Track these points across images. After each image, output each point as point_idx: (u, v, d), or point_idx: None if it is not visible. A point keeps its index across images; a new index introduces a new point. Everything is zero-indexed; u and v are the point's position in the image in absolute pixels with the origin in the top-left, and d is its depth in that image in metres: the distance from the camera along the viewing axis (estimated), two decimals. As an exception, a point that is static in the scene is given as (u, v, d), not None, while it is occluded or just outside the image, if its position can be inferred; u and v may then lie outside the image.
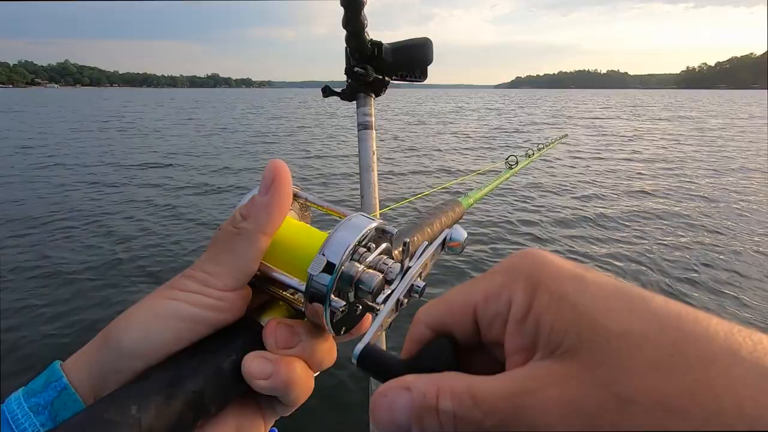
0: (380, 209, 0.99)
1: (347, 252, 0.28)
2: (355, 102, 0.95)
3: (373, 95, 0.95)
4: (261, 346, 0.28)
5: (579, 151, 10.85)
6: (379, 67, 0.89)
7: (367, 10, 0.81)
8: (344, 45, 0.88)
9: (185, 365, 0.26)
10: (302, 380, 0.28)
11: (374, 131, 0.95)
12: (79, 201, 6.04)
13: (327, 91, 0.95)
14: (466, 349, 0.22)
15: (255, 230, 0.28)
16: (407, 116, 23.89)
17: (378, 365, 0.23)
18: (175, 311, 0.27)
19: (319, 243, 0.29)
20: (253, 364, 0.27)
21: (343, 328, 0.30)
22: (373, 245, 0.30)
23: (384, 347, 1.03)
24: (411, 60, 0.90)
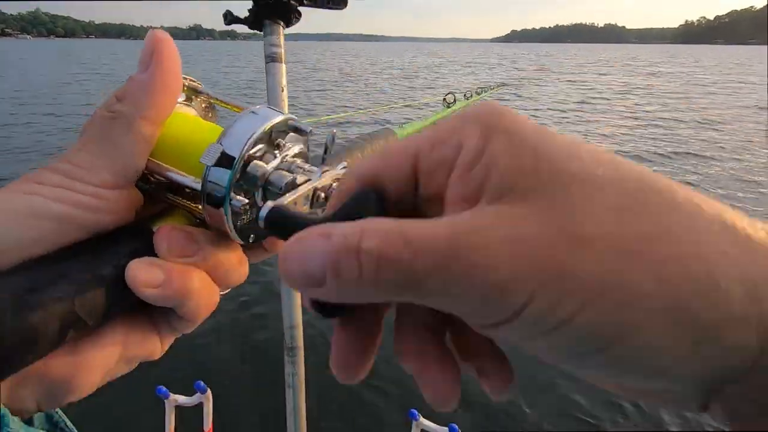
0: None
1: (249, 143, 0.24)
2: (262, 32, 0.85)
3: (282, 24, 0.85)
4: (152, 254, 0.24)
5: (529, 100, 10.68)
6: (283, -13, 0.79)
7: None
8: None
9: (50, 269, 0.22)
10: (202, 291, 0.25)
11: (284, 64, 0.86)
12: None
13: (228, 16, 0.85)
14: (400, 208, 0.19)
15: (133, 113, 0.24)
16: (396, 70, 23.21)
17: (290, 225, 0.19)
18: (34, 208, 0.22)
19: (217, 135, 0.25)
20: (140, 270, 0.23)
21: (252, 235, 0.27)
22: (287, 144, 0.27)
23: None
24: (320, -21, 0.80)
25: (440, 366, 0.19)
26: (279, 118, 0.26)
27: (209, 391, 1.10)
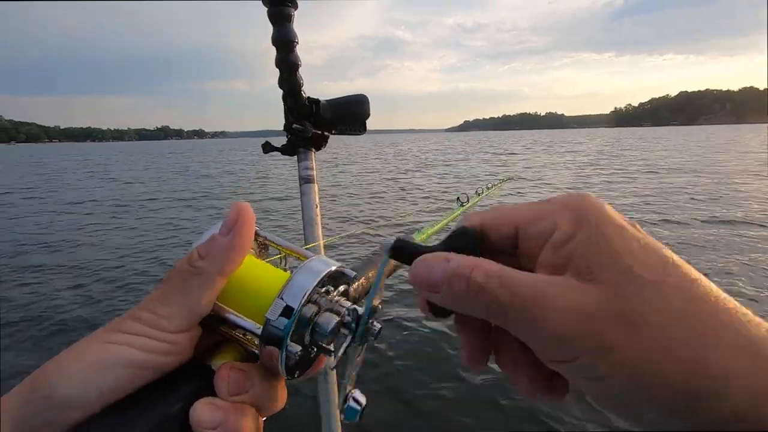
0: (323, 239, 0.98)
1: (305, 297, 0.27)
2: (296, 157, 0.96)
3: (314, 149, 0.96)
4: (211, 391, 0.27)
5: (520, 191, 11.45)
6: (318, 122, 0.91)
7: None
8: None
9: (127, 416, 0.24)
10: (252, 428, 0.27)
11: (316, 184, 0.96)
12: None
13: (267, 147, 0.96)
14: (497, 253, 0.25)
15: (213, 271, 0.27)
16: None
17: (409, 252, 0.26)
18: (118, 357, 0.24)
19: (276, 284, 0.28)
20: (203, 413, 0.25)
21: (297, 371, 0.30)
22: (332, 287, 0.31)
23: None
24: (349, 115, 0.93)
25: (527, 370, 0.25)
26: (329, 269, 0.30)
27: None
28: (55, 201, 11.04)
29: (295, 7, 0.81)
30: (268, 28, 0.81)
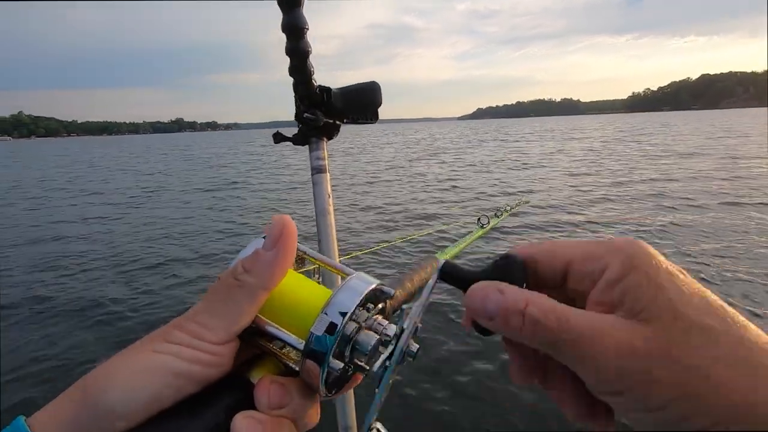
0: (341, 254, 0.97)
1: (349, 314, 0.28)
2: (307, 146, 0.95)
3: (326, 139, 0.95)
4: (251, 404, 0.27)
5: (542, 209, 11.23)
6: (330, 111, 0.89)
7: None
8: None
9: (170, 428, 0.25)
10: None
11: (328, 174, 0.94)
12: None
13: (278, 137, 0.94)
14: (545, 285, 0.27)
15: (257, 284, 0.28)
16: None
17: (459, 276, 0.28)
18: (164, 366, 0.25)
19: (316, 300, 0.29)
20: (243, 426, 0.25)
21: (335, 389, 0.30)
22: (371, 305, 0.31)
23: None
24: (360, 103, 0.91)
25: (573, 396, 0.26)
26: (371, 287, 0.30)
27: None
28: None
29: (305, -8, 0.79)
30: (279, 19, 0.79)
